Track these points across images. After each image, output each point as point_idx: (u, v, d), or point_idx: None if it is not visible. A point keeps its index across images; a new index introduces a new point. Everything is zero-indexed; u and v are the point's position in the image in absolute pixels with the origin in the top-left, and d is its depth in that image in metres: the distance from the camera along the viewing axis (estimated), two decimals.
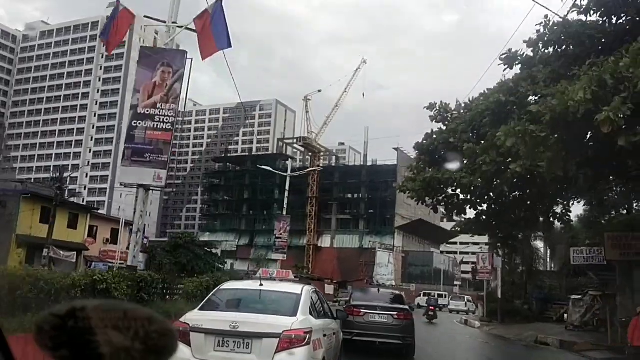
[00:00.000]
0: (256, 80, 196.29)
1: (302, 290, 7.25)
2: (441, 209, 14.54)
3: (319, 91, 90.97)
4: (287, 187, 34.00)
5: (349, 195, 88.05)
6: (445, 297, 58.40)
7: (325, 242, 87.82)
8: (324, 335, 7.10)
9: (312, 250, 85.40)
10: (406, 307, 12.77)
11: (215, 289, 7.76)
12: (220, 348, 6.09)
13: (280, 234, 28.32)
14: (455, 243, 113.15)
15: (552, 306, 27.60)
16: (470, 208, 13.43)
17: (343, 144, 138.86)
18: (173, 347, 0.99)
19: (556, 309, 26.44)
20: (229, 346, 6.07)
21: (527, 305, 26.79)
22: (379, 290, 15.55)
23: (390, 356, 11.75)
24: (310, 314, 6.97)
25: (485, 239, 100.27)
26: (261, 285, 7.26)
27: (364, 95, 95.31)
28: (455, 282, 70.32)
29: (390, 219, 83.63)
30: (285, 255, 31.83)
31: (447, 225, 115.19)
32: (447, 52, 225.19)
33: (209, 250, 36.45)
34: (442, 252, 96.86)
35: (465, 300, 48.37)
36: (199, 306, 7.11)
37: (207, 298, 7.41)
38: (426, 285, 71.72)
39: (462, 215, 14.26)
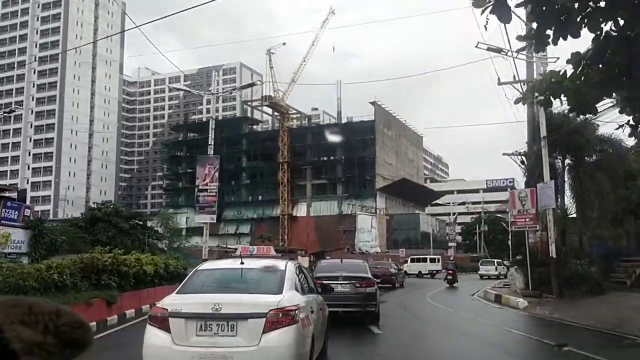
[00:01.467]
0: (225, 55, 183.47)
1: (286, 266, 6.77)
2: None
3: (284, 44, 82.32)
4: (212, 115, 25.08)
5: (324, 158, 79.64)
6: (438, 261, 51.44)
7: (301, 210, 79.78)
8: (312, 312, 6.69)
9: (287, 221, 77.30)
10: (367, 275, 13.00)
11: (193, 270, 7.11)
12: (202, 332, 5.67)
13: (206, 184, 19.63)
14: (447, 204, 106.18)
15: (618, 265, 19.91)
16: (585, 24, 4.83)
17: (316, 109, 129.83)
18: (88, 339, 0.97)
19: (627, 269, 18.57)
20: (212, 330, 5.67)
21: (594, 267, 18.41)
22: (341, 260, 15.30)
23: (358, 324, 11.58)
24: (296, 290, 6.52)
25: (476, 196, 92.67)
26: (242, 263, 6.65)
27: (334, 49, 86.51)
28: (450, 244, 63.23)
29: (370, 180, 75.76)
30: (215, 217, 22.99)
31: (431, 186, 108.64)
32: (417, 17, 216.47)
33: (139, 222, 27.80)
34: (427, 215, 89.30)
35: (495, 264, 44.72)
36: (177, 289, 6.52)
37: (184, 280, 6.75)
38: (414, 250, 64.28)
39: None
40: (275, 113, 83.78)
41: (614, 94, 6.13)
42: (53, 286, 9.93)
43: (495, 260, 46.22)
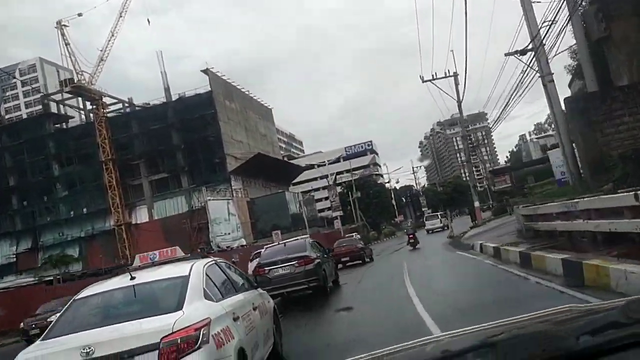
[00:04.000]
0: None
1: (190, 269, 5.23)
2: None
3: (80, 15, 64.70)
4: None
5: (160, 147, 64.59)
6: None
7: (142, 215, 64.58)
8: (235, 319, 5.14)
9: (125, 232, 61.50)
10: (306, 253, 13.16)
11: (70, 301, 5.32)
12: None
13: None
14: (310, 180, 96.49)
15: None
16: None
17: (148, 103, 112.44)
18: None
19: None
20: None
21: None
22: (285, 244, 14.77)
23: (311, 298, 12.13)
24: (207, 297, 5.01)
25: (338, 166, 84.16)
26: (132, 279, 5.07)
27: (149, 21, 71.79)
28: (335, 214, 53.05)
29: (220, 163, 62.84)
30: None
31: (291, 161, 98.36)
32: (245, 14, 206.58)
33: None
34: (293, 193, 78.48)
35: (440, 217, 48.07)
36: (44, 334, 4.87)
37: (55, 319, 5.15)
38: (286, 235, 52.99)
39: None
40: (89, 104, 66.65)
41: None
42: None
43: (439, 213, 47.71)
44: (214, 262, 6.11)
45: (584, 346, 1.26)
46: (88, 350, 4.14)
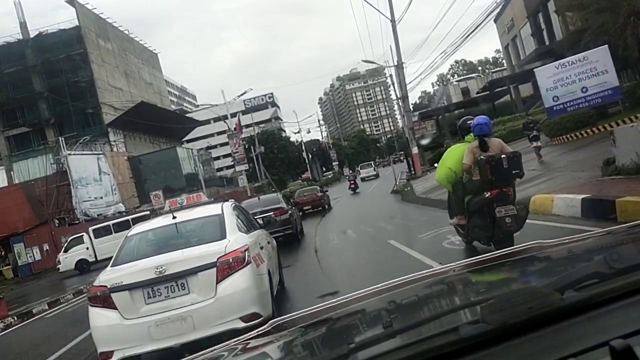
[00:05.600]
0: None
1: (222, 208, 6.43)
2: None
3: None
4: None
5: (18, 95, 52.79)
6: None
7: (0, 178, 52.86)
8: (261, 248, 6.52)
9: None
10: (280, 205, 14.85)
11: (123, 238, 6.41)
12: (152, 299, 5.21)
13: None
14: (205, 137, 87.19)
15: None
16: None
17: None
18: None
19: None
20: (162, 294, 5.21)
21: None
22: (259, 198, 16.96)
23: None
24: (240, 230, 6.23)
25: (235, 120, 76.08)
26: (174, 217, 6.13)
27: None
28: (239, 168, 45.61)
29: (95, 114, 52.61)
30: None
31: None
32: None
33: None
34: (187, 148, 69.28)
35: (373, 166, 54.37)
36: (111, 262, 5.86)
37: (117, 251, 6.06)
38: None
39: None
40: None
41: None
42: None
43: (372, 162, 55.22)
44: (235, 203, 7.23)
45: (569, 302, 1.19)
46: (161, 269, 5.14)
